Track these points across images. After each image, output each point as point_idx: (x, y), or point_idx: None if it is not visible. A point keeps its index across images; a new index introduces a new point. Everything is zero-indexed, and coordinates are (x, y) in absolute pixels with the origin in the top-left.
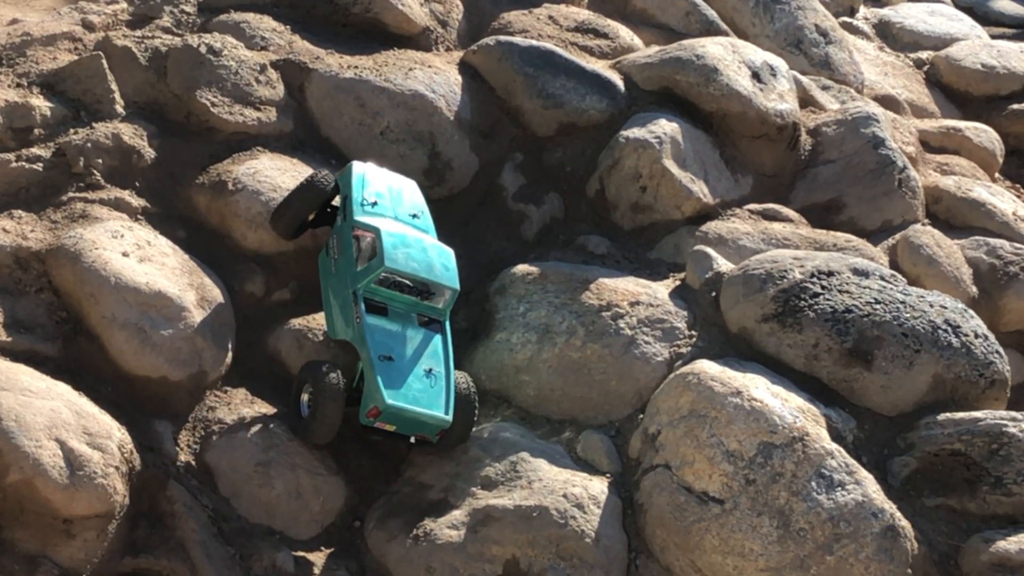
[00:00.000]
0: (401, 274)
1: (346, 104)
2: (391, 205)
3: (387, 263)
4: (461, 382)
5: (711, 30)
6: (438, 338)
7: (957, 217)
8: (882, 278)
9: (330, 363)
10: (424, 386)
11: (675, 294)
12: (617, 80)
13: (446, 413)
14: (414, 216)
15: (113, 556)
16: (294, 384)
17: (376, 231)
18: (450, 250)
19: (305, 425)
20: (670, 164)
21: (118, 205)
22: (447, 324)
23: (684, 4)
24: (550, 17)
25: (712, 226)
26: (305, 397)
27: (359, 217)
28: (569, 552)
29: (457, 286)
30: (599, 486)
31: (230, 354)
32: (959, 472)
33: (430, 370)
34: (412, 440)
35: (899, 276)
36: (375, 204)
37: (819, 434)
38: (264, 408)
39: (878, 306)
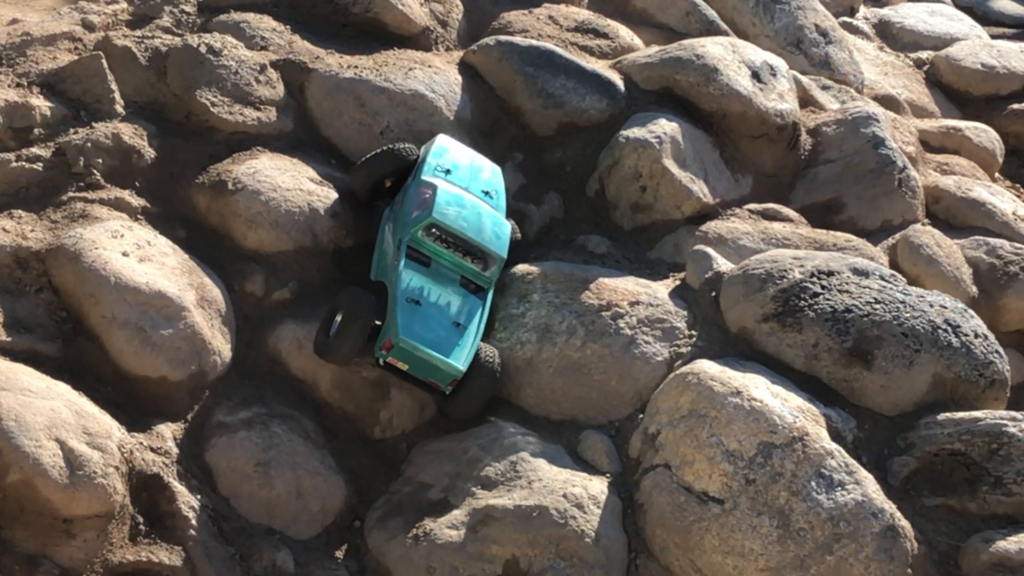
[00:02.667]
0: (447, 229)
1: (346, 104)
2: (465, 177)
3: (434, 214)
4: (488, 353)
5: (711, 30)
6: (477, 302)
7: (957, 217)
8: (882, 278)
9: (368, 293)
10: (446, 335)
11: (675, 294)
12: (617, 80)
13: (461, 364)
14: (486, 193)
15: (113, 556)
16: (330, 305)
17: (433, 187)
18: (510, 224)
19: (327, 342)
20: (670, 164)
21: (118, 205)
22: (490, 294)
23: (684, 4)
24: (550, 17)
25: (712, 226)
26: (338, 318)
27: (425, 176)
28: (569, 552)
29: (503, 254)
30: (599, 486)
31: (230, 354)
32: (959, 472)
33: (458, 324)
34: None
35: (899, 276)
36: (448, 172)
37: (819, 434)
38: (264, 408)
39: (878, 306)
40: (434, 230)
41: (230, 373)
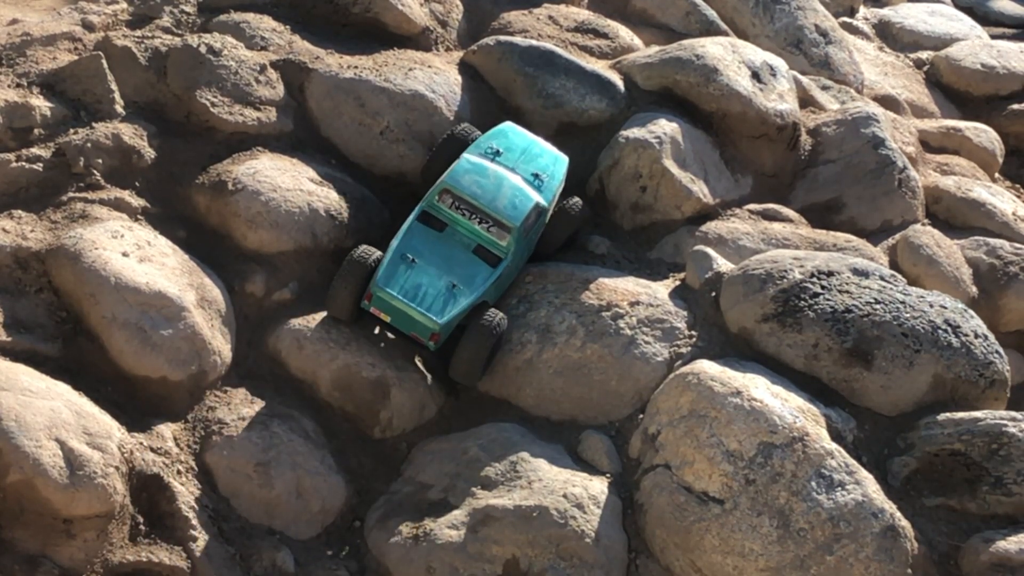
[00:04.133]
0: (460, 195)
1: (346, 104)
2: (515, 158)
3: (448, 180)
4: (491, 316)
5: (711, 30)
6: (486, 270)
7: (957, 217)
8: (882, 278)
9: (376, 251)
10: (436, 293)
11: (675, 294)
12: (617, 80)
13: (439, 319)
14: (535, 175)
15: (113, 556)
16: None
17: (461, 158)
18: (536, 199)
19: (327, 294)
20: (670, 164)
21: (118, 205)
22: (505, 263)
23: (684, 4)
24: (550, 17)
25: (712, 226)
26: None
27: (466, 153)
28: (569, 552)
29: (514, 223)
30: (599, 486)
31: (230, 354)
32: (959, 472)
33: (454, 285)
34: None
35: (899, 276)
36: (498, 153)
37: (819, 434)
38: (264, 408)
39: (878, 306)
40: (449, 197)
41: (230, 373)
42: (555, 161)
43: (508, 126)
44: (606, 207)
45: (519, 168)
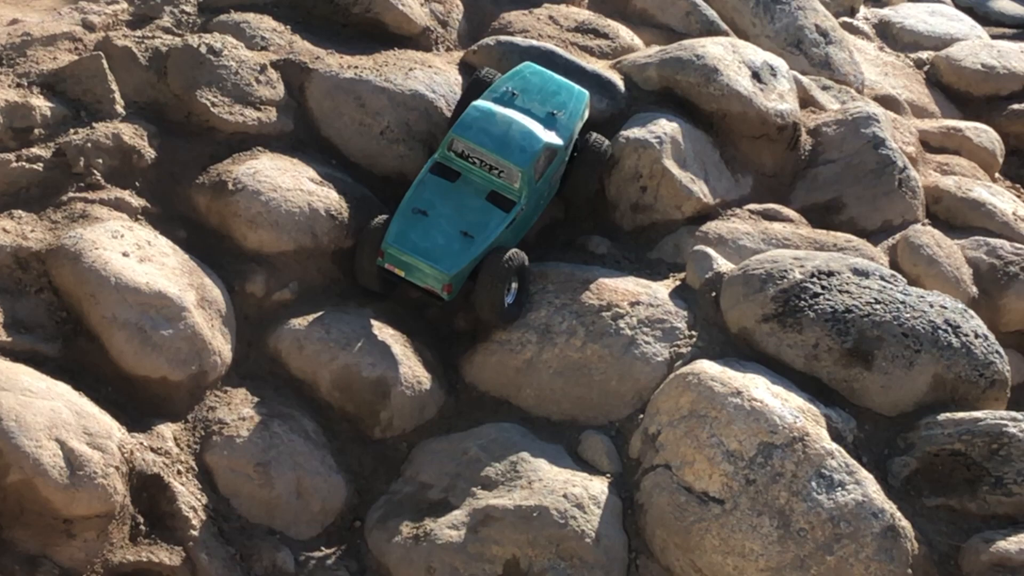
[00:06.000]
0: (467, 144)
1: (346, 104)
2: (532, 99)
3: (455, 130)
4: (503, 254)
5: (711, 30)
6: (499, 215)
7: (957, 217)
8: (882, 278)
9: (382, 222)
10: (447, 243)
11: (675, 294)
12: (617, 80)
13: (450, 271)
14: (551, 114)
15: (113, 556)
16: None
17: (470, 105)
18: (545, 139)
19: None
20: (670, 164)
21: (118, 205)
22: (519, 205)
23: (684, 4)
24: (550, 17)
25: (712, 226)
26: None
27: (481, 97)
28: (569, 552)
29: (522, 167)
30: (599, 486)
31: (230, 354)
32: (959, 472)
33: (466, 234)
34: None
35: (899, 276)
36: (514, 96)
37: (819, 434)
38: (264, 408)
39: (878, 306)
40: (459, 147)
41: (230, 373)
42: (573, 96)
43: (526, 65)
44: (606, 207)
45: (534, 108)
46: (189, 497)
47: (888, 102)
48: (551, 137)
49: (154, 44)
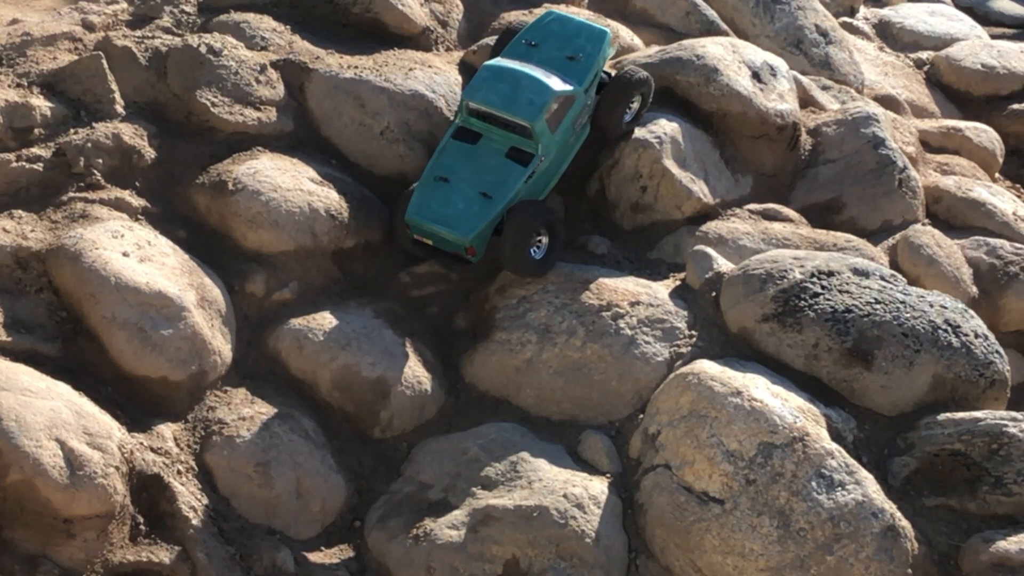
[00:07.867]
0: (477, 107)
1: (346, 104)
2: (551, 46)
3: (465, 93)
4: (525, 208)
5: (711, 30)
6: (517, 170)
7: (957, 217)
8: (882, 278)
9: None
10: (466, 206)
11: (675, 294)
12: None
13: (468, 234)
14: (570, 58)
15: (113, 556)
16: None
17: (482, 66)
18: (557, 88)
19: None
20: (670, 164)
21: (118, 205)
22: (536, 157)
23: (684, 4)
24: None
25: (712, 226)
26: None
27: (502, 53)
28: (569, 552)
29: (531, 120)
30: (599, 486)
31: (230, 354)
32: (959, 472)
33: (485, 194)
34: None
35: (899, 276)
36: (534, 45)
37: (819, 434)
38: (264, 408)
39: (878, 306)
40: (474, 108)
41: (230, 373)
42: (592, 38)
43: (548, 13)
44: (606, 207)
45: (553, 56)
46: (189, 497)
47: (888, 102)
48: (563, 85)
49: (154, 44)
